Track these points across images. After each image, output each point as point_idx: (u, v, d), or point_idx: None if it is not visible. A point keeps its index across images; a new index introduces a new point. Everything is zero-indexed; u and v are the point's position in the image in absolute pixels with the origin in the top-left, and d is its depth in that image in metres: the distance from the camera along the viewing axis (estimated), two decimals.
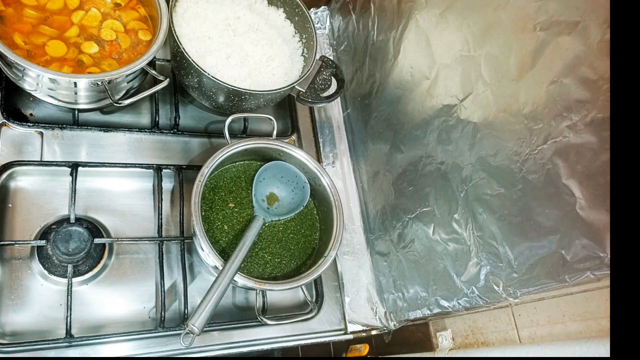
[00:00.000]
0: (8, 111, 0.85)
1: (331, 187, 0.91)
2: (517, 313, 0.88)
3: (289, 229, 0.92)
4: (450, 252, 0.78)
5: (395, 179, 0.94)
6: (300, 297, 0.96)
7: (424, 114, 0.83)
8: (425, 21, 0.82)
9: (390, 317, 0.97)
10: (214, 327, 0.85)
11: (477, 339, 0.97)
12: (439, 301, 0.82)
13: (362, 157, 1.08)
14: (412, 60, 0.87)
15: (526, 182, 0.63)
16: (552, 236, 0.60)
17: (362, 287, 1.01)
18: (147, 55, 0.79)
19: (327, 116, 1.15)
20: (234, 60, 0.91)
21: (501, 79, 0.66)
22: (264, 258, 0.88)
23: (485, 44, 0.68)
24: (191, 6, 0.92)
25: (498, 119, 0.67)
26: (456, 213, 0.76)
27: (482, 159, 0.70)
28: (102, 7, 0.86)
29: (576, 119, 0.55)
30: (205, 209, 0.86)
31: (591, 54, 0.53)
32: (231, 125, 0.89)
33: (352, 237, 1.05)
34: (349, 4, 1.10)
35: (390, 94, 0.94)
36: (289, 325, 0.90)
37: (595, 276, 0.55)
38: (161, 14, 0.84)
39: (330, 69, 0.98)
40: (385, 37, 0.94)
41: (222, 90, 0.88)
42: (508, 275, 0.67)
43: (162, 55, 0.99)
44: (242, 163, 0.94)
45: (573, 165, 0.56)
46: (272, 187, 0.93)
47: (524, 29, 0.62)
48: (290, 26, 1.02)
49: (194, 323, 0.69)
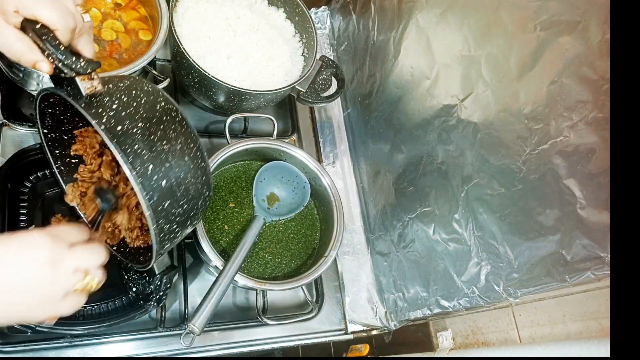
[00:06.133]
0: (9, 111, 0.85)
1: (331, 187, 0.91)
2: (517, 313, 0.88)
3: (290, 229, 0.92)
4: (451, 252, 0.78)
5: (395, 179, 0.94)
6: (301, 297, 0.96)
7: (425, 113, 0.83)
8: (426, 21, 0.82)
9: (391, 317, 0.97)
10: (215, 327, 0.85)
11: (478, 339, 0.97)
12: (440, 301, 0.82)
13: (363, 157, 1.08)
14: (413, 60, 0.87)
15: (526, 182, 0.63)
16: (553, 236, 0.60)
17: (362, 287, 1.01)
18: (148, 55, 0.79)
19: (328, 116, 1.15)
20: (234, 60, 0.91)
21: (501, 78, 0.66)
22: (264, 258, 0.88)
23: (486, 44, 0.68)
24: (191, 6, 0.92)
25: (498, 119, 0.67)
26: (456, 213, 0.76)
27: (483, 159, 0.70)
28: (102, 7, 0.86)
29: (577, 119, 0.55)
30: None
31: (591, 54, 0.53)
32: (231, 125, 0.89)
33: (352, 237, 1.05)
34: (349, 4, 1.10)
35: (390, 93, 0.94)
36: (289, 325, 0.90)
37: (595, 276, 0.55)
38: (161, 14, 0.84)
39: (331, 69, 0.98)
40: (385, 37, 0.94)
41: (223, 90, 0.88)
42: (508, 275, 0.67)
43: (163, 55, 0.99)
44: (242, 163, 0.95)
45: (573, 165, 0.56)
46: (272, 187, 0.93)
47: (524, 29, 0.62)
48: (291, 26, 1.02)
49: (195, 323, 0.69)
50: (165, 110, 0.57)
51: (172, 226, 0.56)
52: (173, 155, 0.54)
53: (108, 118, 0.51)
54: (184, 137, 0.57)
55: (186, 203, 0.57)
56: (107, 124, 0.50)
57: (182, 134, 0.57)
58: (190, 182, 0.56)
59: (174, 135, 0.56)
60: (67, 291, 0.50)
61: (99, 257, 0.53)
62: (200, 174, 0.58)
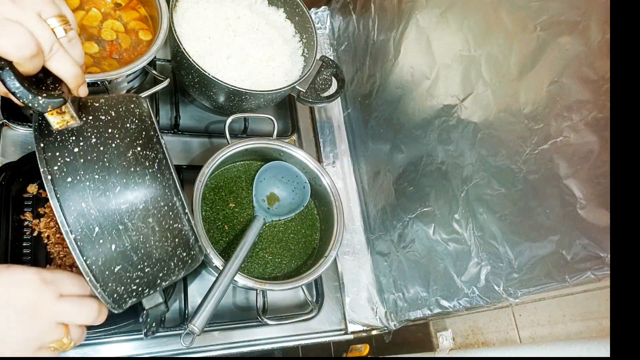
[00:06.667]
0: (9, 111, 0.85)
1: (331, 187, 0.91)
2: (517, 313, 0.88)
3: (290, 229, 0.92)
4: (451, 252, 0.78)
5: (395, 179, 0.94)
6: (301, 297, 0.96)
7: (425, 113, 0.83)
8: (426, 21, 0.82)
9: (391, 317, 0.97)
10: (215, 327, 0.85)
11: (478, 339, 0.97)
12: (440, 301, 0.82)
13: (363, 157, 1.08)
14: (413, 60, 0.87)
15: (527, 182, 0.63)
16: (553, 236, 0.60)
17: (362, 287, 1.01)
18: (148, 55, 0.79)
19: (328, 116, 1.15)
20: (234, 60, 0.91)
21: (502, 78, 0.66)
22: (264, 258, 0.88)
23: (486, 44, 0.68)
24: (191, 6, 0.92)
25: (498, 119, 0.67)
26: (456, 213, 0.76)
27: (483, 159, 0.70)
28: (102, 7, 0.86)
29: (577, 119, 0.55)
30: (206, 209, 0.86)
31: (591, 54, 0.53)
32: (231, 125, 0.89)
33: (352, 237, 1.05)
34: (349, 4, 1.10)
35: (390, 93, 0.94)
36: (289, 325, 0.90)
37: (595, 276, 0.55)
38: (161, 14, 0.84)
39: (331, 69, 0.98)
40: (385, 37, 0.94)
41: (223, 90, 0.88)
42: (508, 275, 0.67)
43: (163, 55, 0.99)
44: (242, 163, 0.95)
45: (573, 165, 0.56)
46: (272, 187, 0.93)
47: (524, 29, 0.62)
48: (291, 26, 1.02)
49: (195, 323, 0.69)
50: (138, 159, 0.49)
51: (129, 287, 0.50)
52: (130, 216, 0.48)
53: (61, 165, 0.46)
54: (153, 194, 0.49)
55: (148, 267, 0.50)
56: (57, 172, 0.45)
57: (152, 188, 0.49)
58: (153, 246, 0.50)
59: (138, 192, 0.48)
60: (41, 345, 0.45)
61: (87, 316, 0.48)
62: (171, 236, 0.51)
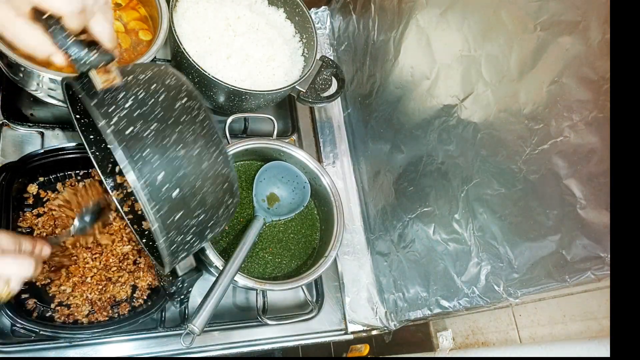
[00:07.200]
0: (9, 111, 0.85)
1: (331, 187, 0.91)
2: (517, 313, 0.88)
3: (290, 229, 0.92)
4: (451, 252, 0.78)
5: (395, 179, 0.94)
6: (301, 297, 0.96)
7: (425, 113, 0.83)
8: (426, 21, 0.82)
9: (391, 317, 0.97)
10: (215, 327, 0.85)
11: (478, 339, 0.97)
12: (440, 301, 0.82)
13: (363, 157, 1.08)
14: (413, 60, 0.87)
15: (527, 182, 0.63)
16: (553, 236, 0.60)
17: (362, 287, 1.01)
18: (148, 55, 0.79)
19: (328, 116, 1.15)
20: (234, 60, 0.91)
21: (502, 79, 0.66)
22: (264, 258, 0.88)
23: (486, 44, 0.68)
24: (191, 6, 0.92)
25: (498, 119, 0.67)
26: (457, 213, 0.76)
27: (483, 159, 0.70)
28: None
29: (577, 119, 0.55)
30: None
31: (591, 54, 0.53)
32: (231, 125, 0.89)
33: (352, 237, 1.05)
34: (349, 4, 1.10)
35: (390, 93, 0.94)
36: (289, 325, 0.90)
37: (595, 276, 0.55)
38: (161, 14, 0.84)
39: (331, 69, 0.98)
40: (385, 37, 0.94)
41: (223, 90, 0.88)
42: (508, 275, 0.67)
43: (163, 55, 0.99)
44: (242, 163, 0.95)
45: (573, 165, 0.56)
46: (272, 187, 0.93)
47: (524, 29, 0.62)
48: (291, 26, 1.02)
49: (195, 323, 0.69)
50: (186, 109, 0.51)
51: (185, 237, 0.52)
52: (189, 162, 0.49)
53: (119, 119, 0.46)
54: (204, 141, 0.51)
55: (203, 214, 0.52)
56: (116, 125, 0.46)
57: (202, 137, 0.51)
58: (207, 191, 0.51)
59: (192, 138, 0.50)
60: None
61: (24, 270, 0.53)
62: (220, 181, 0.53)
